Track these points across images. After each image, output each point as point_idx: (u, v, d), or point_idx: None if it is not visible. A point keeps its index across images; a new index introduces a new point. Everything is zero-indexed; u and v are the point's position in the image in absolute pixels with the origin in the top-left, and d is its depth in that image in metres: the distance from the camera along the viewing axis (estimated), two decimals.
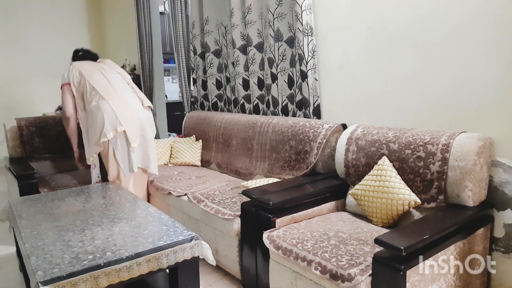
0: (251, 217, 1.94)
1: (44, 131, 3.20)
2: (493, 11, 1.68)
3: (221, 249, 2.20)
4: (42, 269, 1.35)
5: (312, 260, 1.53)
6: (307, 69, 2.45)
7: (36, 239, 1.61)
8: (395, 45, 2.06)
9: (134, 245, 1.53)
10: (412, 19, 1.97)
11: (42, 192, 2.58)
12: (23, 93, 5.16)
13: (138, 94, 2.72)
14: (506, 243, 1.71)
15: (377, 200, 1.79)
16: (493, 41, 1.69)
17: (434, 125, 1.89)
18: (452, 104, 1.86)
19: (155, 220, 1.81)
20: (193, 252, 1.60)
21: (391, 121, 2.09)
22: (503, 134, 1.70)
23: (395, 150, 1.85)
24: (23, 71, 5.16)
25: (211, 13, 3.26)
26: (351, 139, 2.06)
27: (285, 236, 1.71)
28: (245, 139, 2.79)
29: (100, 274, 1.37)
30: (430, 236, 1.40)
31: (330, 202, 2.07)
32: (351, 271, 1.40)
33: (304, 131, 2.36)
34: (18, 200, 2.23)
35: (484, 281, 1.74)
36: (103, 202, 2.12)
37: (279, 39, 2.61)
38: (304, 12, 2.39)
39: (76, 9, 5.53)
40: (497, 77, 1.69)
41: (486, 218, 1.72)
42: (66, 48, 5.35)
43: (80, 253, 1.47)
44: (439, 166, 1.68)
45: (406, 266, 1.30)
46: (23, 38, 5.13)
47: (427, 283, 1.42)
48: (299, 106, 2.63)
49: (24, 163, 2.94)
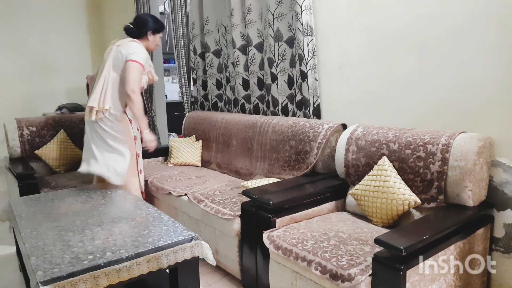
0: (251, 217, 1.94)
1: (44, 131, 3.20)
2: (493, 11, 1.68)
3: (221, 249, 2.20)
4: (42, 269, 1.35)
5: (312, 260, 1.53)
6: (307, 69, 2.45)
7: (36, 239, 1.61)
8: (395, 45, 2.06)
9: (134, 245, 1.53)
10: (413, 19, 1.97)
11: (42, 192, 2.58)
12: (23, 93, 5.16)
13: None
14: (506, 243, 1.71)
15: (377, 200, 1.79)
16: (493, 41, 1.69)
17: (434, 125, 1.89)
18: (452, 104, 1.86)
19: (155, 220, 1.81)
20: (193, 252, 1.60)
21: (391, 121, 2.09)
22: (503, 134, 1.70)
23: (395, 150, 1.85)
24: (23, 71, 5.15)
25: (211, 13, 3.26)
26: (351, 139, 2.06)
27: (285, 236, 1.71)
28: (245, 139, 2.79)
29: (100, 274, 1.37)
30: (430, 236, 1.40)
31: (330, 202, 2.07)
32: (351, 271, 1.40)
33: (304, 131, 2.36)
34: (18, 200, 2.23)
35: (484, 281, 1.74)
36: (103, 202, 2.12)
37: (279, 39, 2.61)
38: (304, 12, 2.39)
39: (76, 9, 5.53)
40: (497, 77, 1.69)
41: (486, 218, 1.72)
42: (66, 48, 5.41)
43: (80, 253, 1.47)
44: (439, 166, 1.68)
45: (406, 266, 1.30)
46: (23, 38, 5.13)
47: (427, 283, 1.42)
48: (299, 106, 2.63)
49: (24, 163, 2.94)
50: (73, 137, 3.27)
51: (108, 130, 2.40)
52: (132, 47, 2.42)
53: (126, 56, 2.38)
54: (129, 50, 2.40)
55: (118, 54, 2.41)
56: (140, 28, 2.54)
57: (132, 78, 2.33)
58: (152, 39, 2.57)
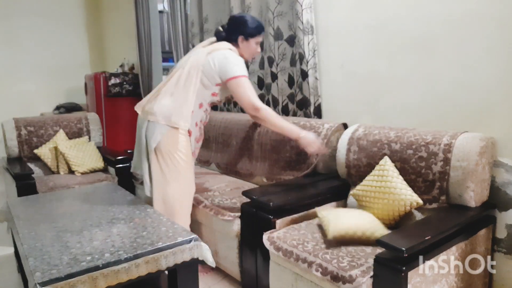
0: (251, 218, 1.92)
1: (42, 131, 3.18)
2: (495, 11, 1.67)
3: (220, 250, 2.18)
4: (40, 270, 1.34)
5: (313, 262, 1.51)
6: (307, 68, 2.43)
7: (34, 240, 1.60)
8: (396, 44, 2.05)
9: (132, 247, 1.51)
10: (414, 18, 1.95)
11: (40, 193, 2.56)
12: (21, 92, 5.14)
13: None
14: (508, 244, 1.70)
15: (378, 200, 1.77)
16: (495, 40, 1.68)
17: (436, 125, 1.88)
18: (454, 104, 1.85)
19: (154, 221, 1.79)
20: (192, 253, 1.59)
21: (393, 120, 2.08)
22: (506, 134, 1.69)
23: (397, 150, 1.83)
24: (21, 71, 5.13)
25: (210, 12, 3.24)
26: (352, 139, 2.04)
27: (286, 237, 1.70)
28: (245, 139, 2.77)
29: (99, 275, 1.36)
30: (432, 237, 1.39)
31: (331, 203, 2.06)
32: (352, 272, 1.38)
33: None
34: (16, 201, 2.22)
35: (485, 282, 1.73)
36: (102, 203, 2.11)
37: (279, 38, 2.59)
38: (304, 10, 2.37)
39: (74, 8, 5.50)
40: (499, 77, 1.68)
41: (488, 219, 1.71)
42: (64, 48, 5.38)
43: (78, 254, 1.45)
44: (441, 167, 1.66)
45: (408, 267, 1.29)
46: (20, 37, 5.10)
47: (428, 284, 1.41)
48: (300, 105, 2.61)
49: (22, 163, 2.92)
50: (71, 137, 3.25)
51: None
52: (228, 60, 2.06)
53: (223, 73, 2.05)
54: (225, 64, 2.04)
55: (210, 63, 2.06)
56: (229, 31, 2.15)
57: (245, 96, 2.04)
58: (244, 46, 2.14)
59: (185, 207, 2.13)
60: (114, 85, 4.50)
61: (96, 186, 2.50)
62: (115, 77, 4.52)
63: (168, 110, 2.02)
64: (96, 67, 5.48)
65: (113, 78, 4.50)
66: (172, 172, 2.05)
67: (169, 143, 2.02)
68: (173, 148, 2.03)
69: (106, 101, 4.50)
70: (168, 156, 2.03)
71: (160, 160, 2.04)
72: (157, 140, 2.01)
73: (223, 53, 2.08)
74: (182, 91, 2.05)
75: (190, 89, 2.04)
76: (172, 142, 2.03)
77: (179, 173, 2.06)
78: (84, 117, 3.43)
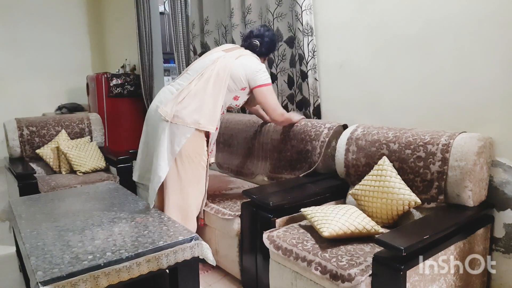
0: (251, 217, 1.93)
1: (44, 131, 3.20)
2: (494, 11, 1.68)
3: (221, 249, 2.20)
4: (42, 269, 1.35)
5: (312, 260, 1.53)
6: (307, 69, 2.44)
7: (36, 239, 1.61)
8: (395, 45, 2.06)
9: (134, 245, 1.53)
10: (413, 19, 1.96)
11: (42, 192, 2.58)
12: (23, 93, 5.16)
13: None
14: (506, 243, 1.71)
15: (377, 200, 1.79)
16: (494, 40, 1.69)
17: (434, 125, 1.89)
18: (452, 104, 1.86)
19: (155, 220, 1.81)
20: (193, 252, 1.60)
21: (391, 121, 2.09)
22: (503, 134, 1.70)
23: (395, 150, 1.85)
24: (23, 71, 5.16)
25: (211, 13, 3.26)
26: (351, 139, 2.05)
27: (285, 236, 1.71)
28: (246, 139, 2.79)
29: (100, 274, 1.37)
30: (430, 236, 1.40)
31: (330, 202, 2.07)
32: (351, 271, 1.40)
33: (305, 130, 2.35)
34: (18, 200, 2.23)
35: (484, 281, 1.74)
36: (103, 202, 2.12)
37: (279, 39, 2.61)
38: (304, 12, 2.38)
39: (75, 9, 5.53)
40: (497, 77, 1.69)
41: (486, 218, 1.72)
42: (66, 49, 5.41)
43: (80, 253, 1.47)
44: (439, 166, 1.67)
45: (406, 266, 1.30)
46: (22, 38, 5.13)
47: (427, 283, 1.41)
48: (299, 106, 2.63)
49: (24, 163, 2.94)
50: (73, 137, 3.27)
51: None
52: (258, 67, 2.15)
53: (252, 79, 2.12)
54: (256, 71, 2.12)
55: (239, 68, 2.11)
56: (267, 48, 2.27)
57: (274, 103, 2.20)
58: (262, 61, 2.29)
59: (196, 213, 2.15)
60: (116, 86, 4.52)
61: (97, 185, 2.51)
62: (117, 78, 4.54)
63: (198, 113, 2.01)
64: (98, 68, 5.51)
65: (114, 79, 4.52)
66: (190, 178, 2.05)
67: (192, 146, 2.02)
68: (195, 153, 2.04)
69: (107, 102, 4.52)
70: (187, 160, 2.02)
71: (178, 165, 2.01)
72: (181, 143, 1.98)
73: (252, 60, 2.17)
74: (212, 94, 2.05)
75: (220, 92, 2.06)
76: (195, 145, 2.04)
77: (196, 179, 2.07)
78: (86, 118, 3.45)
